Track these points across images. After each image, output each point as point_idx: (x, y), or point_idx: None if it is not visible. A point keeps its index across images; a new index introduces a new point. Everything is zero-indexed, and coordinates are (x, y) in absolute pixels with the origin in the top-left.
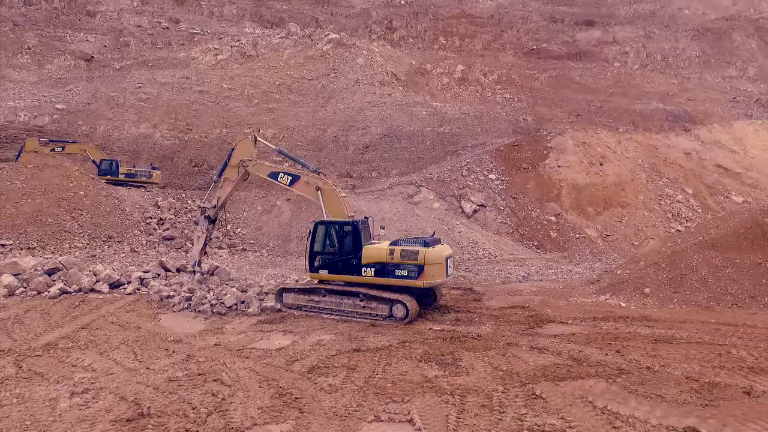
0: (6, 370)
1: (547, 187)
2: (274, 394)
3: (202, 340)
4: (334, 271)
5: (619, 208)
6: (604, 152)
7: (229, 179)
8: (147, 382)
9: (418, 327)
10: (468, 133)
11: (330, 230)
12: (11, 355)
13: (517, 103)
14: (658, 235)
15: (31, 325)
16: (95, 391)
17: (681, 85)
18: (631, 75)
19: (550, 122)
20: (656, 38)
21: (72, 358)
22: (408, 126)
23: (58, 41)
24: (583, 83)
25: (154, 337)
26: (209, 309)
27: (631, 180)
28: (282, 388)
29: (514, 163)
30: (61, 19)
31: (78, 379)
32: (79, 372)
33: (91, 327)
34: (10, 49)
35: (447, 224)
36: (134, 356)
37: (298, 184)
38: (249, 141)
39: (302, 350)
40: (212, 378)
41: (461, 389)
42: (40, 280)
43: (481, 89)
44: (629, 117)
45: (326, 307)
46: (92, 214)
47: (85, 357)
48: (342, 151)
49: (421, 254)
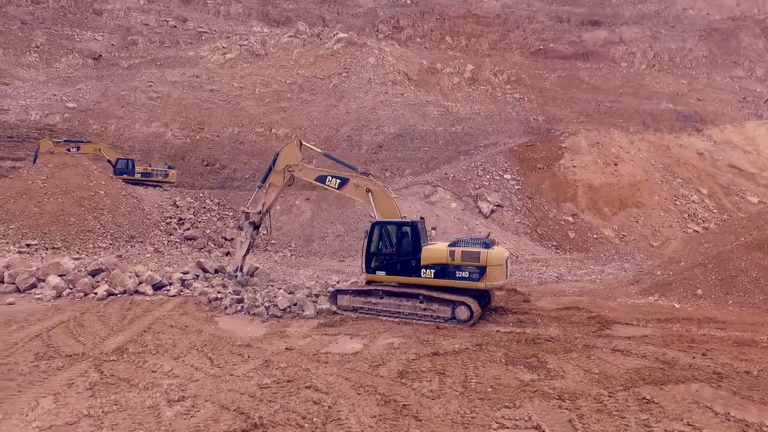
0: (90, 375)
1: (562, 187)
2: (379, 401)
3: (271, 345)
4: (392, 272)
5: (634, 209)
6: (617, 152)
7: (275, 184)
8: (238, 390)
9: (483, 329)
10: (480, 133)
11: (388, 231)
12: (88, 360)
13: (527, 103)
14: (675, 236)
15: (91, 328)
16: (191, 399)
17: (690, 86)
18: (640, 75)
19: (560, 122)
20: (663, 38)
21: (149, 363)
22: (421, 125)
23: (66, 40)
24: (593, 83)
25: (221, 342)
26: (264, 312)
27: (646, 180)
28: (383, 394)
29: (529, 163)
30: (68, 17)
31: (167, 386)
32: (163, 378)
33: (152, 330)
34: (18, 48)
35: (466, 224)
36: (210, 362)
37: (347, 187)
38: (294, 145)
39: (379, 354)
40: (304, 385)
41: (567, 393)
42: (85, 281)
43: (491, 89)
44: (639, 117)
45: (384, 309)
46: (113, 213)
47: (161, 362)
48: (355, 151)
49: (483, 256)
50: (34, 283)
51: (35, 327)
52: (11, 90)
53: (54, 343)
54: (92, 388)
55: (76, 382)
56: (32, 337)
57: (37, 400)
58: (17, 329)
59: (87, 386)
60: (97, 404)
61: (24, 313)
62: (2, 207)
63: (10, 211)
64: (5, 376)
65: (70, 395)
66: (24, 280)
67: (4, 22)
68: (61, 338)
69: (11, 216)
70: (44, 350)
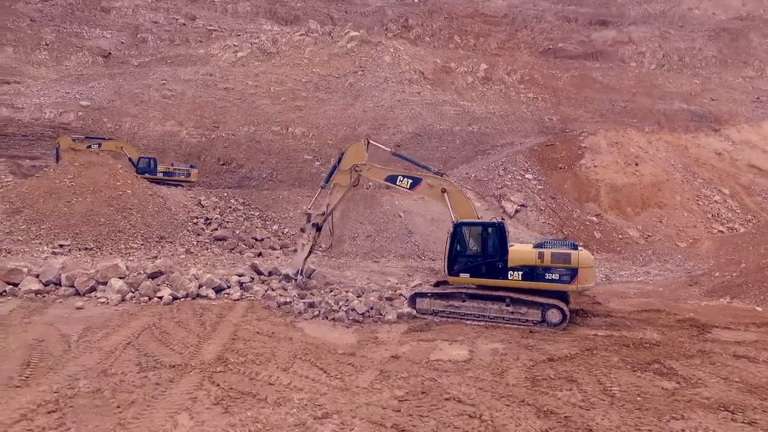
0: (209, 388)
1: (584, 187)
2: (536, 413)
3: (373, 352)
4: (477, 274)
5: (656, 209)
6: (636, 152)
7: (340, 185)
8: (376, 403)
9: (577, 332)
10: (496, 133)
11: (473, 232)
12: (195, 371)
13: (541, 102)
14: (701, 236)
15: (176, 335)
16: (335, 414)
17: (703, 86)
18: (653, 75)
19: (575, 122)
20: (672, 38)
21: (262, 375)
22: (438, 125)
23: (75, 37)
24: (606, 83)
25: (319, 350)
26: (345, 317)
27: (667, 180)
28: (533, 405)
29: (550, 162)
30: (76, 15)
31: (298, 400)
32: (286, 391)
33: (240, 338)
34: (28, 45)
35: None
36: (324, 372)
37: (420, 187)
38: (362, 144)
39: (491, 361)
40: (442, 397)
41: (729, 404)
42: (147, 285)
43: (504, 88)
44: (654, 117)
45: (468, 313)
46: (142, 213)
47: (272, 373)
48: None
49: (574, 257)
50: (94, 286)
51: (120, 334)
52: (24, 88)
53: (149, 351)
54: (219, 403)
55: (197, 395)
56: (124, 345)
57: (173, 417)
58: (103, 336)
59: (213, 401)
60: (237, 422)
61: (99, 319)
62: (32, 207)
63: (41, 211)
64: (120, 388)
65: (200, 411)
66: (83, 283)
67: (14, 20)
68: (152, 346)
69: (42, 216)
70: (143, 360)
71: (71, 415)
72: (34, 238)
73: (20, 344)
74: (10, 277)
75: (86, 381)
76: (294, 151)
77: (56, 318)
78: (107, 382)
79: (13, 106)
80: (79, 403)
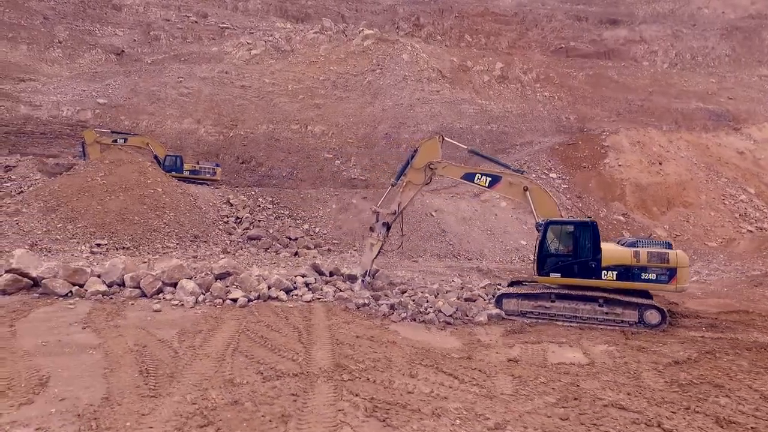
0: (352, 399)
1: (609, 186)
2: (717, 422)
3: (486, 356)
4: (569, 274)
5: (682, 208)
6: (659, 151)
7: (413, 183)
8: (538, 411)
9: (680, 334)
10: (514, 132)
11: (564, 231)
12: (322, 380)
13: (557, 101)
14: (729, 236)
15: (276, 341)
16: (508, 425)
17: (719, 84)
18: (668, 74)
19: (592, 121)
20: (684, 37)
21: (397, 383)
22: (457, 124)
23: (88, 35)
24: (621, 82)
25: (432, 354)
26: (435, 318)
27: (691, 180)
28: (705, 413)
29: (573, 162)
30: (88, 12)
31: (454, 410)
32: (433, 400)
33: (343, 342)
34: (42, 43)
35: (526, 223)
36: (455, 378)
37: (500, 185)
38: (436, 142)
39: (614, 364)
40: (599, 403)
41: None
42: (218, 287)
43: (521, 87)
44: (671, 116)
45: (558, 314)
46: (175, 212)
47: (405, 381)
48: (394, 149)
49: (673, 257)
50: (161, 288)
51: (218, 339)
52: (40, 86)
53: (259, 358)
54: (372, 415)
55: (342, 407)
56: (231, 352)
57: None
58: (203, 342)
59: (365, 413)
60: None
61: (184, 322)
62: (66, 205)
63: (75, 210)
64: (257, 399)
65: (359, 425)
66: (150, 284)
67: (27, 18)
68: (260, 352)
69: (76, 214)
70: (260, 367)
71: (226, 429)
72: (71, 237)
73: (124, 349)
74: (75, 278)
75: (217, 391)
76: (314, 149)
77: (140, 321)
78: (239, 392)
79: (32, 104)
80: (226, 416)
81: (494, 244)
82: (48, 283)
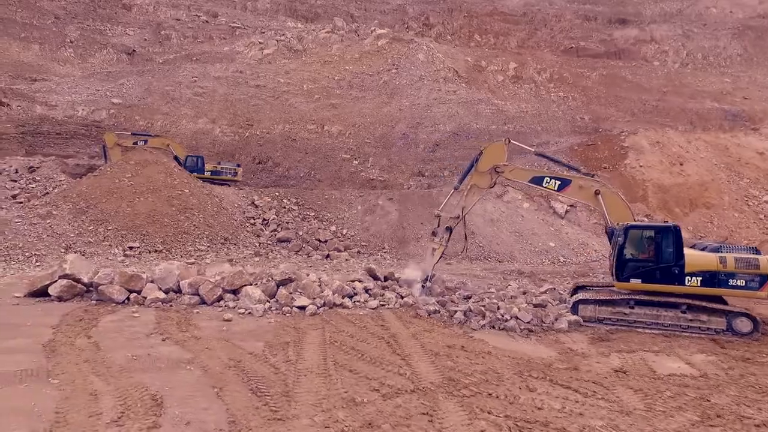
0: (488, 418)
1: (631, 187)
2: None
3: (589, 366)
4: (650, 280)
5: (704, 209)
6: (679, 152)
7: (478, 186)
8: (687, 430)
9: None
10: (530, 132)
11: (645, 236)
12: (442, 395)
13: (571, 101)
14: (757, 237)
15: (368, 352)
16: None
17: (734, 84)
18: (682, 74)
19: (606, 121)
20: (695, 37)
21: (522, 398)
22: (474, 124)
23: (99, 35)
24: (635, 82)
25: (535, 364)
26: (516, 326)
27: (712, 180)
28: None
29: (593, 162)
30: (98, 12)
31: (600, 428)
32: (571, 418)
33: (438, 354)
34: (53, 43)
35: (552, 225)
36: (574, 391)
37: (570, 189)
38: (502, 145)
39: (730, 376)
40: (748, 421)
41: None
42: (283, 293)
43: (535, 87)
44: (686, 116)
45: (639, 320)
46: (203, 214)
47: (523, 395)
48: (412, 149)
49: (764, 263)
50: (221, 295)
51: (310, 352)
52: (54, 85)
53: (364, 372)
54: None
55: (481, 426)
56: (333, 366)
57: None
58: (297, 356)
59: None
60: None
61: (264, 333)
62: (96, 207)
63: (105, 212)
64: (388, 420)
65: None
66: (210, 291)
67: (39, 17)
68: (361, 366)
69: (106, 216)
70: (371, 383)
71: None
72: (102, 240)
73: (220, 365)
74: (131, 284)
75: (343, 412)
76: (331, 149)
77: (217, 332)
78: (365, 412)
79: (47, 104)
80: None
81: (523, 246)
82: (105, 289)
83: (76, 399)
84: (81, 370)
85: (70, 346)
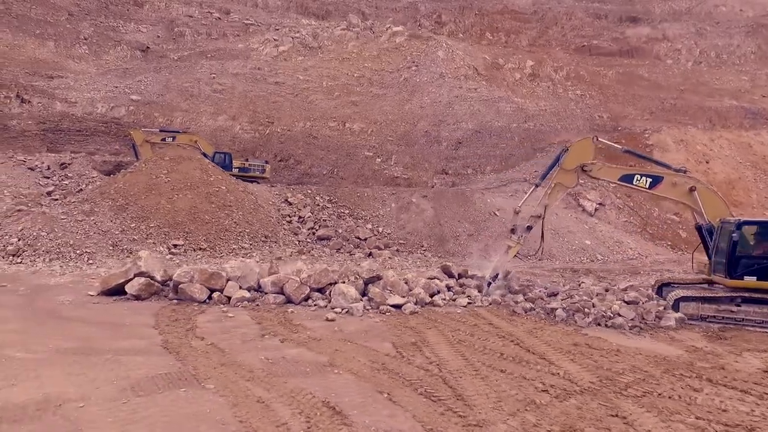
0: (696, 423)
1: None
2: None
3: (729, 365)
4: (766, 278)
5: (733, 207)
6: (703, 150)
7: (563, 185)
8: None
9: None
10: (550, 130)
11: (761, 232)
12: (617, 396)
13: (589, 99)
14: None
15: (504, 351)
16: None
17: (752, 82)
18: (698, 72)
19: (625, 119)
20: (708, 35)
21: (701, 400)
22: (496, 122)
23: (112, 31)
24: (653, 80)
25: (675, 364)
26: (625, 323)
27: (739, 178)
28: None
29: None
30: (111, 8)
31: None
32: None
33: (569, 352)
34: (68, 40)
35: (585, 223)
36: (742, 392)
37: (662, 186)
38: (591, 142)
39: None
40: None
41: None
42: (377, 291)
43: (552, 85)
44: (705, 115)
45: (748, 318)
46: (242, 211)
47: (701, 396)
48: (435, 147)
49: None
50: (309, 294)
51: (445, 352)
52: (72, 82)
53: (517, 373)
54: None
55: (682, 430)
56: (483, 368)
57: None
58: (437, 359)
59: None
60: None
61: (382, 333)
62: (136, 204)
63: (145, 209)
64: (596, 423)
65: None
66: (297, 289)
67: (53, 14)
68: (506, 366)
69: (147, 213)
70: (536, 385)
71: None
72: (146, 238)
73: (366, 368)
74: (211, 283)
75: (532, 415)
76: (354, 147)
77: (331, 332)
78: (553, 414)
79: (67, 101)
80: None
81: (561, 244)
82: (186, 288)
83: (247, 407)
84: (225, 374)
85: (190, 348)
